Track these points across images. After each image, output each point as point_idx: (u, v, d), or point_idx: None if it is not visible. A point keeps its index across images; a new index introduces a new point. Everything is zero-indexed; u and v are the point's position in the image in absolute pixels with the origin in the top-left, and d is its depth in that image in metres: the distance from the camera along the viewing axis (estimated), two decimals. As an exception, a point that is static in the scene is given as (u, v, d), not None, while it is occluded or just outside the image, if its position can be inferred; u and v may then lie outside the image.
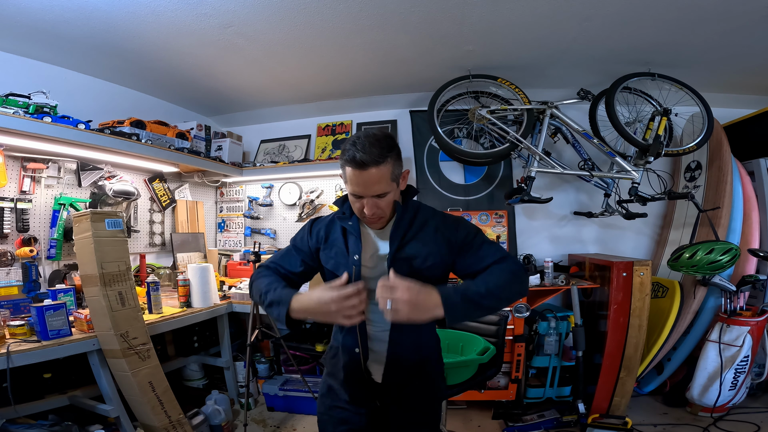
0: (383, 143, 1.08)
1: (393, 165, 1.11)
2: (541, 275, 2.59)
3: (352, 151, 1.06)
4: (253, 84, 2.97)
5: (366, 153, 1.05)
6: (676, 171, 3.13)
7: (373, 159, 1.05)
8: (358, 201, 1.12)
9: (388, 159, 1.09)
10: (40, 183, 2.29)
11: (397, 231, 1.16)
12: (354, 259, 1.17)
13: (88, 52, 2.37)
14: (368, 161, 1.05)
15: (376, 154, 1.06)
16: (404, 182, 1.19)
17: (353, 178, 1.08)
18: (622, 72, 2.63)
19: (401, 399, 1.22)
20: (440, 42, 2.36)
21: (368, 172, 1.06)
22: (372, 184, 1.08)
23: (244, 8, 1.98)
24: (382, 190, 1.10)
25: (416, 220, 1.20)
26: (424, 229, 1.19)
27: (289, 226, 3.46)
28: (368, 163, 1.05)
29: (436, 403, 1.28)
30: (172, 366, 2.67)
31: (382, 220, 1.17)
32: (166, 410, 1.97)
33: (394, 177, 1.13)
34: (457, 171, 3.30)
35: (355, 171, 1.07)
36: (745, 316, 2.41)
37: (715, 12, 2.03)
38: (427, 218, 1.22)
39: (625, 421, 2.27)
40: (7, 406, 1.74)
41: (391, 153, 1.10)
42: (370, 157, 1.05)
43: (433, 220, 1.21)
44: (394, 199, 1.16)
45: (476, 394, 2.49)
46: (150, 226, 2.99)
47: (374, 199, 1.10)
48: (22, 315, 1.93)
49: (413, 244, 1.17)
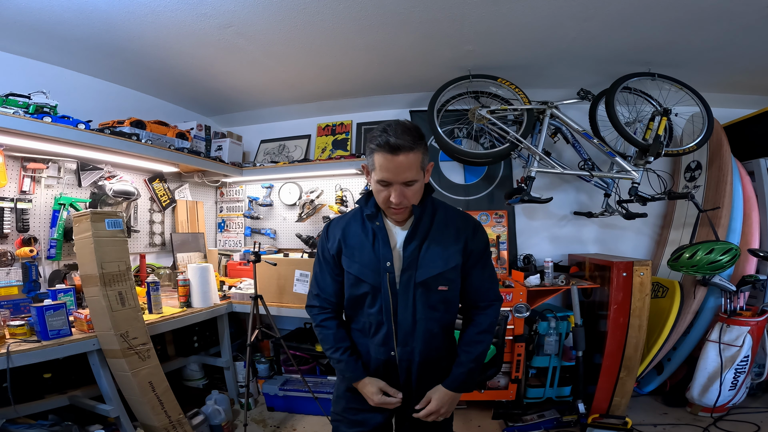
0: (414, 132, 1.10)
1: (423, 154, 1.13)
2: (541, 275, 2.59)
3: (384, 137, 1.07)
4: (253, 84, 2.98)
5: (399, 138, 1.06)
6: (676, 171, 3.13)
7: (407, 144, 1.07)
8: (386, 189, 1.12)
9: (419, 146, 1.11)
10: (40, 183, 2.29)
11: (419, 228, 1.20)
12: (386, 266, 1.19)
13: (88, 52, 2.37)
14: (402, 146, 1.06)
15: (409, 140, 1.07)
16: (428, 175, 1.21)
17: (384, 164, 1.09)
18: (622, 72, 2.63)
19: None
20: (440, 42, 2.36)
21: (400, 157, 1.07)
22: (403, 170, 1.09)
23: (244, 8, 1.98)
24: (412, 177, 1.11)
25: (436, 218, 1.23)
26: (446, 230, 1.22)
27: (289, 226, 3.46)
28: (402, 147, 1.06)
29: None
30: (172, 366, 2.67)
31: (406, 211, 1.18)
32: (166, 410, 1.97)
33: (422, 166, 1.14)
34: (457, 171, 3.30)
35: (387, 156, 1.07)
36: (745, 316, 2.41)
37: (715, 12, 2.03)
38: (448, 217, 1.25)
39: (625, 421, 2.27)
40: (7, 406, 1.74)
41: (421, 141, 1.12)
42: (404, 141, 1.06)
43: (454, 220, 1.25)
44: (419, 191, 1.17)
45: (476, 394, 2.49)
46: (150, 226, 2.99)
47: (402, 187, 1.11)
48: (22, 315, 1.94)
49: (435, 246, 1.20)
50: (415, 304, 1.19)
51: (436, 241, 1.20)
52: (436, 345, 1.23)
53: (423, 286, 1.19)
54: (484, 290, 1.27)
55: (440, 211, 1.25)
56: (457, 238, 1.21)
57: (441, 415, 1.22)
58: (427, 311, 1.20)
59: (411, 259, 1.18)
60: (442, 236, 1.20)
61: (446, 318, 1.25)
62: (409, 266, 1.18)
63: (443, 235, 1.21)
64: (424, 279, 1.18)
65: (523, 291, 2.44)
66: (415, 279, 1.18)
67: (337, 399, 1.35)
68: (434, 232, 1.21)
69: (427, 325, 1.20)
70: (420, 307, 1.19)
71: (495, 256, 3.08)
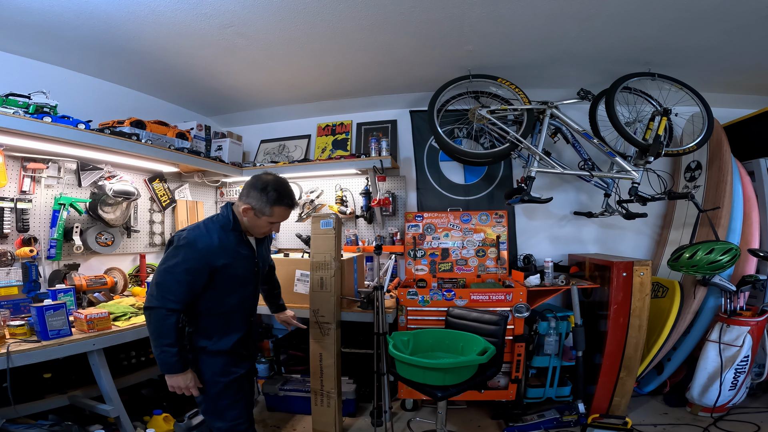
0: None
1: None
2: (541, 275, 2.59)
3: (289, 200, 1.60)
4: (253, 84, 2.98)
5: (294, 200, 1.65)
6: (676, 171, 3.13)
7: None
8: (272, 226, 1.64)
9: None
10: (40, 183, 2.29)
11: (262, 243, 1.81)
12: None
13: (89, 53, 2.37)
14: (295, 205, 1.67)
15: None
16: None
17: (284, 214, 1.62)
18: (622, 72, 2.63)
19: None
20: (440, 42, 2.36)
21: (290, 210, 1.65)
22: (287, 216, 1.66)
23: (244, 8, 1.98)
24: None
25: (268, 239, 1.87)
26: (267, 245, 1.89)
27: (289, 226, 3.46)
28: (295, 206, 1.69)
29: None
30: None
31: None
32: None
33: None
34: (457, 171, 3.30)
35: (288, 210, 1.62)
36: (745, 316, 2.41)
37: (715, 12, 2.03)
38: (268, 238, 1.90)
39: (625, 421, 2.27)
40: (7, 406, 1.74)
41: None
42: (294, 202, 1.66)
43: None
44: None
45: (476, 394, 2.49)
46: (150, 226, 2.99)
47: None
48: (22, 315, 1.94)
49: (265, 252, 1.86)
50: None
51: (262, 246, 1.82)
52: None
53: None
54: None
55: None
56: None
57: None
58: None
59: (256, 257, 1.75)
60: (265, 245, 1.85)
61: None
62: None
63: (265, 244, 1.86)
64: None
65: (523, 291, 2.44)
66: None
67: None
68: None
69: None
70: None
71: (495, 256, 3.09)
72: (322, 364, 2.38)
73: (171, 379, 1.47)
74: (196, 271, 1.47)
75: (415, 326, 2.49)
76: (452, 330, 2.30)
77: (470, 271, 3.11)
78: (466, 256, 3.13)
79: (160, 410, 2.21)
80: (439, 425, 2.08)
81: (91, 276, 2.44)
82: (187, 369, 1.48)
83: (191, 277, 1.47)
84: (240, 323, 1.66)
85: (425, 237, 3.18)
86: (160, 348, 1.42)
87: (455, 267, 3.13)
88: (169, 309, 1.42)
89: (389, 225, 3.30)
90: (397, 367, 2.03)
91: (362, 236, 3.35)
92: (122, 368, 2.29)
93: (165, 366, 1.44)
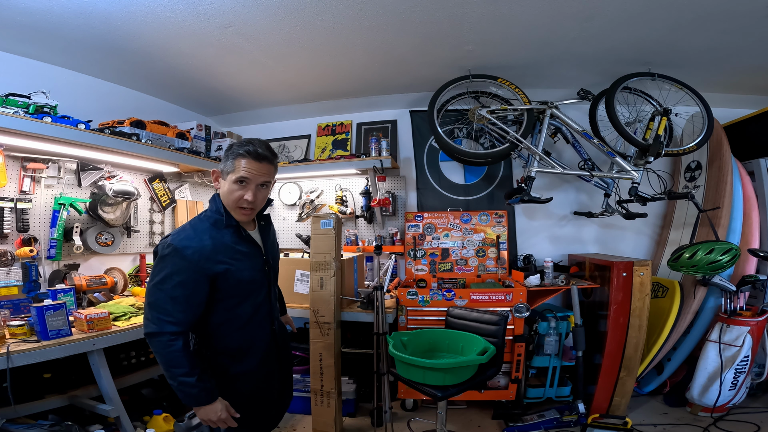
0: (273, 150, 1.39)
1: (276, 170, 1.43)
2: (541, 275, 2.59)
3: (251, 146, 1.31)
4: (253, 84, 2.98)
5: (265, 150, 1.34)
6: (676, 171, 3.13)
7: (270, 156, 1.36)
8: (243, 189, 1.33)
9: (276, 163, 1.41)
10: (40, 183, 2.29)
11: (267, 235, 1.54)
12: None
13: (89, 52, 2.37)
14: (267, 156, 1.34)
15: (271, 153, 1.37)
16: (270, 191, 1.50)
17: (250, 167, 1.31)
18: (622, 72, 2.63)
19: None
20: (440, 42, 2.36)
21: (262, 164, 1.33)
22: (262, 174, 1.34)
23: (244, 8, 1.98)
24: (268, 179, 1.38)
25: (272, 227, 1.61)
26: (273, 236, 1.61)
27: (289, 226, 3.46)
28: (268, 157, 1.34)
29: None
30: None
31: (252, 213, 1.41)
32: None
33: (273, 179, 1.43)
34: (457, 171, 3.30)
35: (252, 162, 1.31)
36: (745, 316, 2.41)
37: (715, 12, 2.03)
38: (272, 226, 1.62)
39: (625, 421, 2.27)
40: (7, 406, 1.74)
41: (277, 160, 1.42)
42: (269, 152, 1.35)
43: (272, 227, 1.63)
44: (266, 198, 1.44)
45: (476, 394, 2.49)
46: (150, 226, 2.99)
47: (258, 187, 1.35)
48: (22, 315, 1.94)
49: (272, 247, 1.57)
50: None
51: (271, 243, 1.59)
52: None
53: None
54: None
55: (270, 220, 1.61)
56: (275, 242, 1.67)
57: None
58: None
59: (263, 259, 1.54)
60: (273, 240, 1.62)
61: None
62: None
63: (274, 240, 1.62)
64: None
65: (523, 291, 2.44)
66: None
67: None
68: (271, 236, 1.59)
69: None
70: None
71: (495, 256, 3.09)
72: (322, 364, 2.38)
73: (199, 412, 1.28)
74: (190, 283, 1.25)
75: (415, 326, 2.49)
76: (452, 330, 2.30)
77: (470, 271, 3.11)
78: (466, 256, 3.13)
79: (160, 410, 2.21)
80: (439, 425, 2.08)
81: (91, 276, 2.44)
82: (215, 399, 1.27)
83: (187, 290, 1.24)
84: (262, 335, 1.44)
85: (425, 237, 3.18)
86: (176, 380, 1.22)
87: (455, 267, 3.13)
88: (170, 333, 1.21)
89: (389, 225, 3.30)
90: (397, 367, 2.03)
91: (362, 236, 3.35)
92: (122, 368, 2.29)
93: (187, 399, 1.25)
